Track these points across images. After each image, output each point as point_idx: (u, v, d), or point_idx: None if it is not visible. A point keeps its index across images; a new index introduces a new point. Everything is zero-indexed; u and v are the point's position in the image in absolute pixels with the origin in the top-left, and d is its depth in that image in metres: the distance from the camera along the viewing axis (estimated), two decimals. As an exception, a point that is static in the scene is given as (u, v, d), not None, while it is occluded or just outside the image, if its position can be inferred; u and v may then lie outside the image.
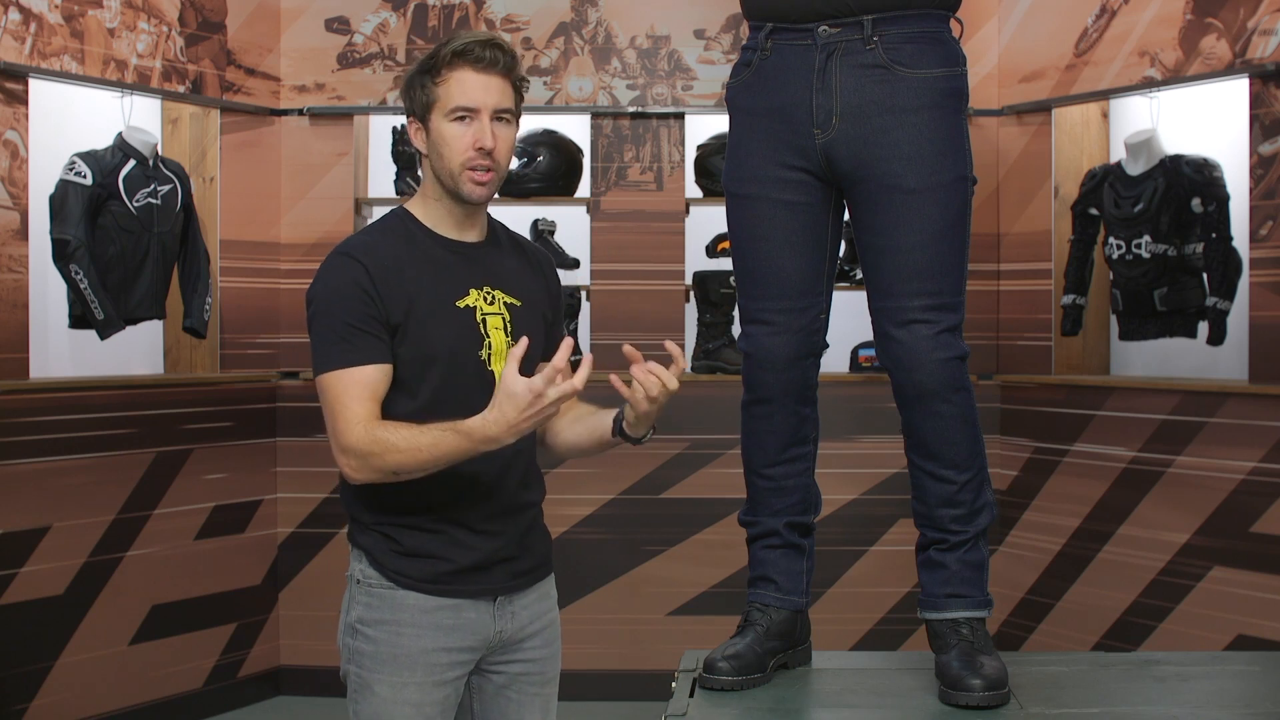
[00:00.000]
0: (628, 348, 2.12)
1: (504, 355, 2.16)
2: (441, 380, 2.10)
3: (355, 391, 2.05)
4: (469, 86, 2.12)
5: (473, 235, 2.21)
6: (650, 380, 2.08)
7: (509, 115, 2.17)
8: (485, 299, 2.17)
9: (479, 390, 2.12)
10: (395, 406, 2.09)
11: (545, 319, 2.29)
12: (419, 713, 2.12)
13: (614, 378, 2.09)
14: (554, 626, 2.31)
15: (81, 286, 4.12)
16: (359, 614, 2.14)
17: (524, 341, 2.00)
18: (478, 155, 2.13)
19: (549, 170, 4.88)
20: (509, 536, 2.20)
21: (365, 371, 2.06)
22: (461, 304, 2.15)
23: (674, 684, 2.17)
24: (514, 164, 4.87)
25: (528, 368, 2.19)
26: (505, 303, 2.19)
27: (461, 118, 2.12)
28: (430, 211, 2.19)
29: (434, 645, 2.13)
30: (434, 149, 2.15)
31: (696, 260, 5.01)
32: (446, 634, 2.13)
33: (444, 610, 2.13)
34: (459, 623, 2.14)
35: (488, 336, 2.16)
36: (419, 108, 2.16)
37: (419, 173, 2.23)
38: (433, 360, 2.11)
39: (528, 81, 2.23)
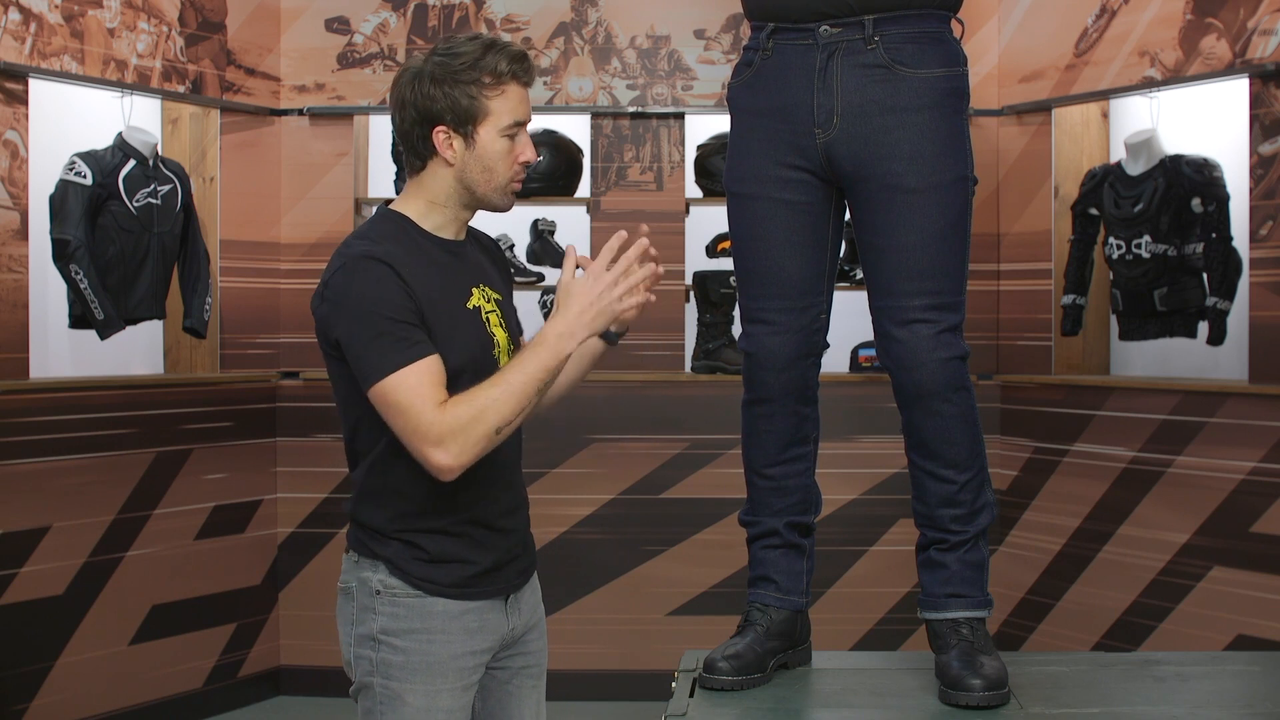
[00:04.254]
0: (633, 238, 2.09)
1: (506, 351, 2.16)
2: (468, 385, 2.08)
3: (428, 382, 1.98)
4: (519, 101, 2.10)
5: (461, 235, 2.19)
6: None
7: None
8: (483, 297, 2.16)
9: None
10: None
11: (514, 308, 2.28)
12: (450, 718, 2.12)
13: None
14: (544, 618, 2.32)
15: (81, 286, 4.12)
16: (383, 624, 2.10)
17: (571, 248, 2.03)
18: (522, 169, 2.12)
19: (549, 170, 4.87)
20: (518, 533, 2.21)
21: (430, 362, 2.00)
22: (469, 305, 2.13)
23: (674, 684, 2.17)
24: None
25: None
26: (494, 299, 2.19)
27: (513, 134, 2.10)
28: (432, 216, 2.14)
29: (463, 649, 2.12)
30: (478, 161, 2.08)
31: (696, 260, 5.01)
32: (473, 637, 2.13)
33: (470, 614, 2.13)
34: (483, 624, 2.14)
35: (494, 334, 2.15)
36: (459, 115, 2.06)
37: (418, 176, 2.16)
38: (464, 367, 2.08)
39: None
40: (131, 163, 4.28)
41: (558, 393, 2.26)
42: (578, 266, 2.04)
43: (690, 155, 4.93)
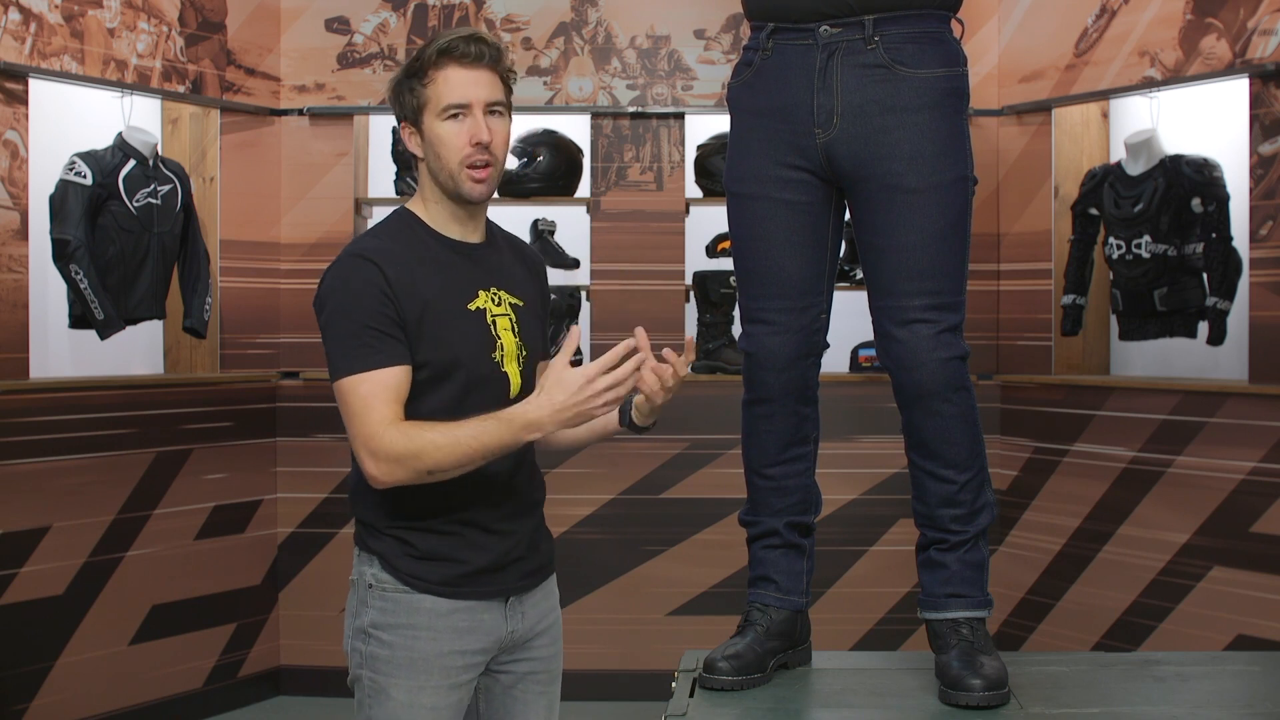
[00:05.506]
0: (640, 331, 2.10)
1: (515, 356, 2.16)
2: (461, 385, 2.09)
3: (382, 394, 2.02)
4: (457, 83, 2.10)
5: (475, 236, 2.20)
6: (665, 371, 2.10)
7: (501, 108, 2.15)
8: (493, 300, 2.16)
9: (495, 393, 2.12)
10: (415, 412, 2.06)
11: (542, 319, 2.29)
12: (435, 716, 2.11)
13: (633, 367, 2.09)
14: (558, 624, 2.31)
15: (81, 286, 4.12)
16: (373, 618, 2.12)
17: (575, 330, 2.02)
18: (475, 151, 2.11)
19: (549, 170, 4.88)
20: (520, 536, 2.20)
21: (390, 373, 2.03)
22: (473, 306, 2.14)
23: (674, 684, 2.17)
24: (514, 164, 4.87)
25: (529, 369, 2.20)
26: (510, 303, 2.19)
27: (454, 115, 2.10)
28: (432, 213, 2.17)
29: (450, 648, 2.12)
30: (430, 151, 2.13)
31: (696, 260, 5.01)
32: (462, 636, 2.13)
33: (459, 613, 2.13)
34: (474, 625, 2.14)
35: (499, 338, 2.15)
36: (410, 111, 2.14)
37: (415, 175, 2.21)
38: (453, 366, 2.09)
39: (515, 73, 2.20)
40: (131, 163, 4.28)
41: (560, 446, 2.29)
42: (576, 354, 2.03)
43: (690, 155, 4.93)
